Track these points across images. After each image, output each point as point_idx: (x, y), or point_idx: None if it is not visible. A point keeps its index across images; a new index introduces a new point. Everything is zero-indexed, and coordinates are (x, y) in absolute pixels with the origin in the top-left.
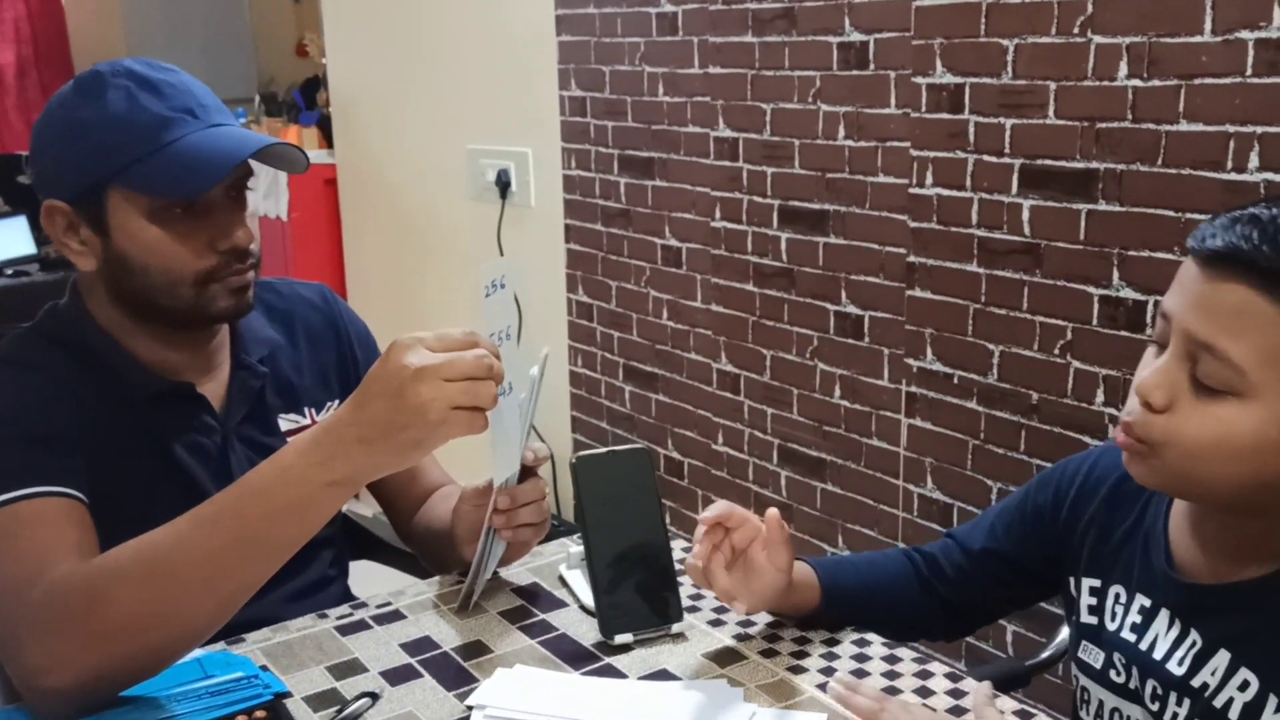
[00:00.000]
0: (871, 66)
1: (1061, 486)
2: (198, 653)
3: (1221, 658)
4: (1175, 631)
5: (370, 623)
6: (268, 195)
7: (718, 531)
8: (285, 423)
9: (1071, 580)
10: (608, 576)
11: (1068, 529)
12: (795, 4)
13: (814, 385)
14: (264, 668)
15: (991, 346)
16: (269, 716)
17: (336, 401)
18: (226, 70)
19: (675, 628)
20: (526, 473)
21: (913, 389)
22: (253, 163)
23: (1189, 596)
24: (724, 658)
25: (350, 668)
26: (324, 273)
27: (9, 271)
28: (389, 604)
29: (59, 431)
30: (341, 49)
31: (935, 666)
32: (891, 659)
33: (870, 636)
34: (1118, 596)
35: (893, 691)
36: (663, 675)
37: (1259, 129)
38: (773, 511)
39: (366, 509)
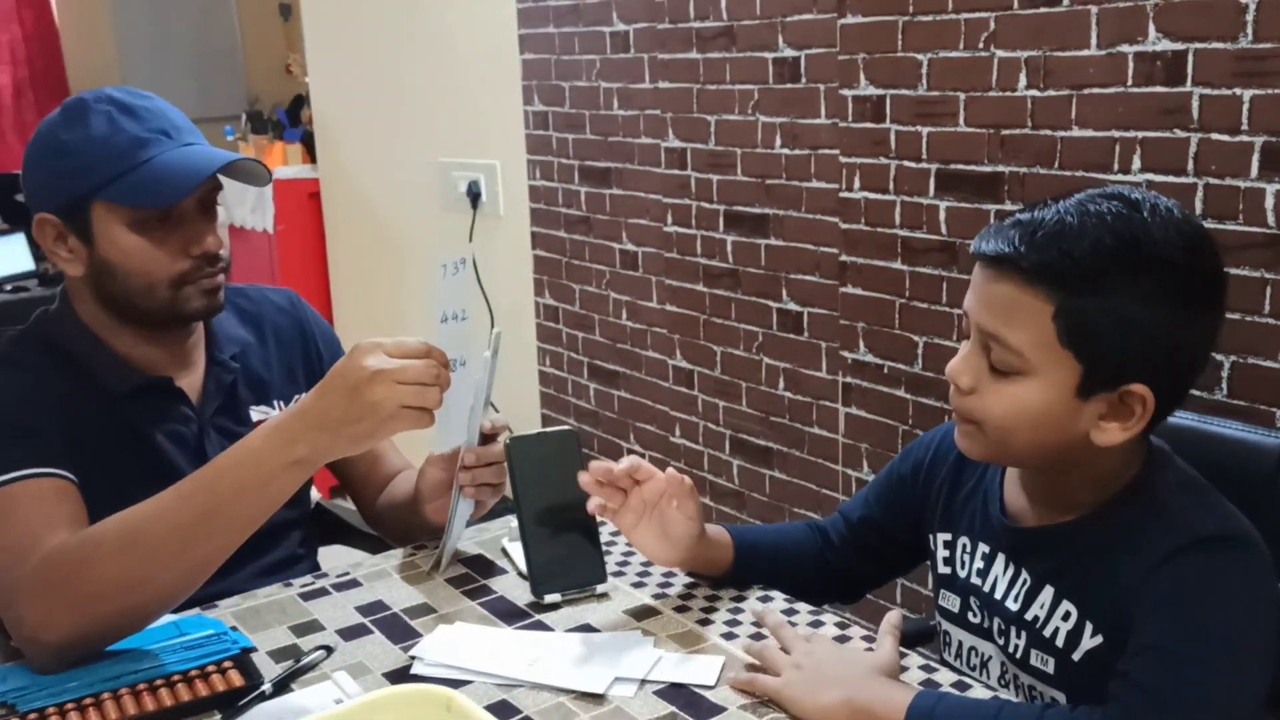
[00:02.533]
0: (803, 80)
1: (919, 456)
2: (174, 616)
3: (1047, 593)
4: (1010, 572)
5: (330, 589)
6: (254, 210)
7: (625, 480)
8: (256, 414)
9: (930, 537)
10: (538, 543)
11: (924, 492)
12: (734, 23)
13: (760, 378)
14: (233, 628)
15: (916, 338)
16: (235, 666)
17: (303, 395)
18: (216, 89)
19: (600, 588)
20: (486, 439)
21: (848, 379)
22: (225, 179)
23: (1017, 539)
24: (641, 614)
25: (310, 627)
26: (309, 282)
27: (8, 287)
28: (347, 574)
29: (48, 423)
30: (322, 69)
31: (826, 617)
32: (789, 612)
33: (774, 594)
34: (964, 546)
35: None
36: (585, 629)
37: (1140, 134)
38: (670, 469)
39: (350, 503)
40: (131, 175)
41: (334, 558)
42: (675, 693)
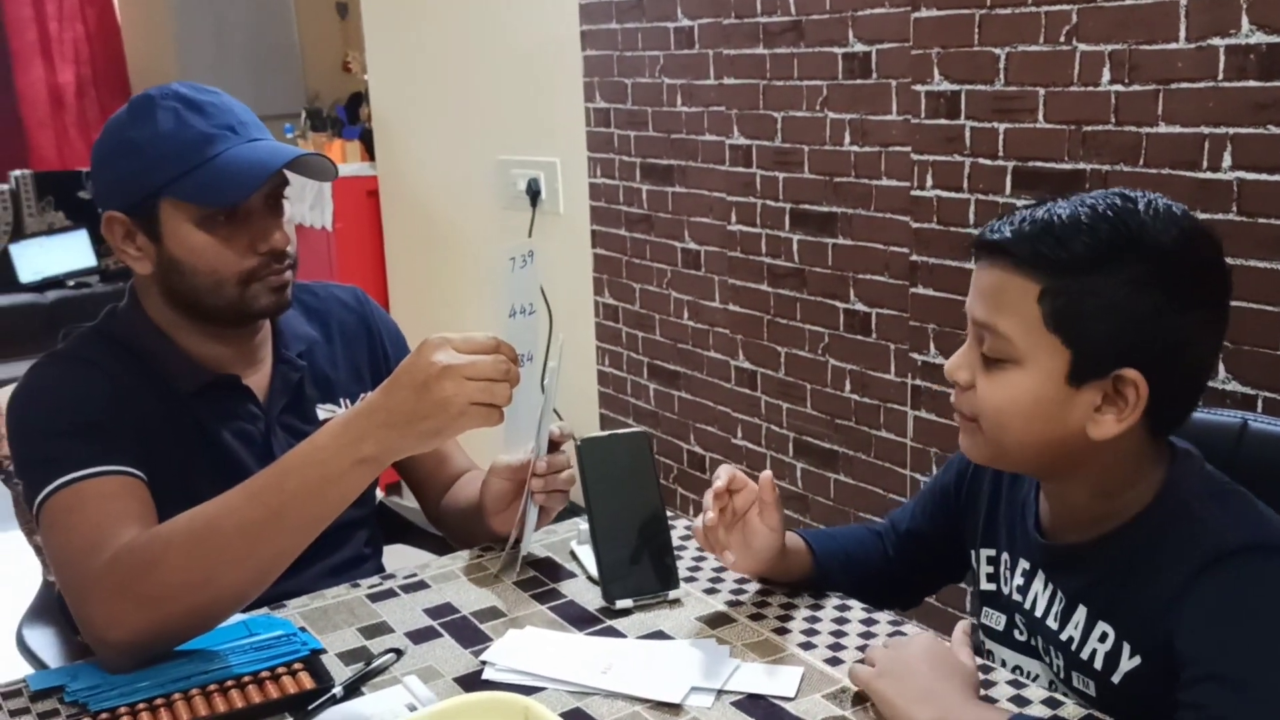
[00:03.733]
0: (874, 75)
1: (961, 468)
2: (243, 616)
3: (1080, 613)
4: (1048, 591)
5: (398, 591)
6: (313, 207)
7: (724, 498)
8: (323, 412)
9: (972, 552)
10: (609, 546)
11: (967, 505)
12: (802, 17)
13: (825, 380)
14: (302, 628)
15: None
16: (305, 668)
17: (369, 393)
18: (274, 87)
19: (672, 594)
20: (552, 447)
21: (917, 382)
22: (291, 174)
23: (1049, 556)
24: (716, 621)
25: (378, 629)
26: (367, 280)
27: (71, 283)
28: (415, 575)
29: (115, 419)
30: (382, 66)
31: (908, 629)
32: (869, 621)
33: (851, 602)
34: (1005, 562)
35: (864, 649)
36: (658, 636)
37: (1231, 130)
38: (765, 474)
39: (409, 501)
40: (198, 172)
41: (398, 558)
42: (754, 704)
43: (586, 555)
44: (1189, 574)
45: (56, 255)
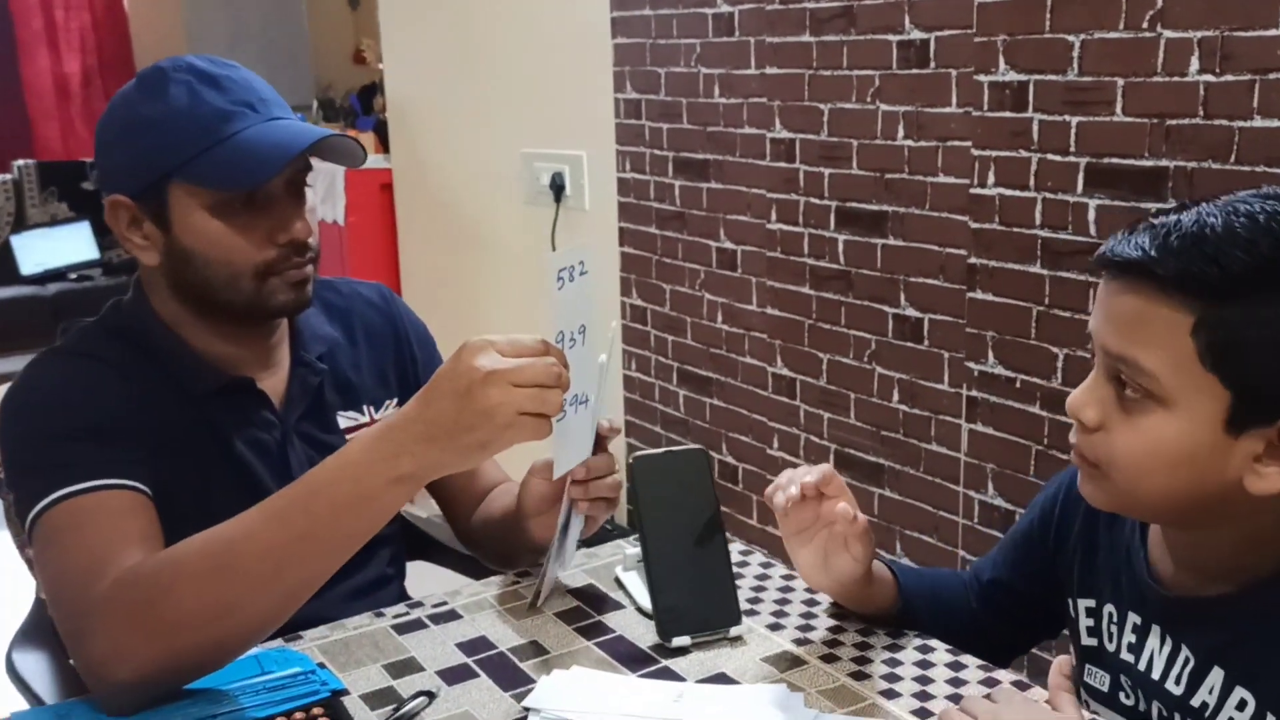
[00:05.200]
0: (932, 65)
1: (1046, 508)
2: (254, 650)
3: (1215, 675)
4: (1168, 648)
5: (426, 622)
6: (325, 200)
7: (813, 491)
8: (344, 420)
9: (1070, 602)
10: (665, 578)
11: (1058, 550)
12: (854, 3)
13: (872, 389)
14: (321, 665)
15: (1056, 350)
16: (326, 713)
17: (395, 400)
18: (284, 77)
19: (733, 631)
20: (598, 445)
21: (974, 393)
22: (312, 166)
23: (1173, 610)
24: (783, 662)
25: (406, 666)
26: (380, 276)
27: (73, 275)
28: (445, 603)
29: (120, 423)
30: (398, 55)
31: (1001, 675)
32: (956, 665)
33: (934, 643)
34: (1110, 615)
35: (955, 699)
36: (721, 679)
37: None
38: (843, 506)
39: (422, 510)
40: (213, 152)
41: (421, 577)
42: None
43: (635, 583)
44: None
45: (59, 247)
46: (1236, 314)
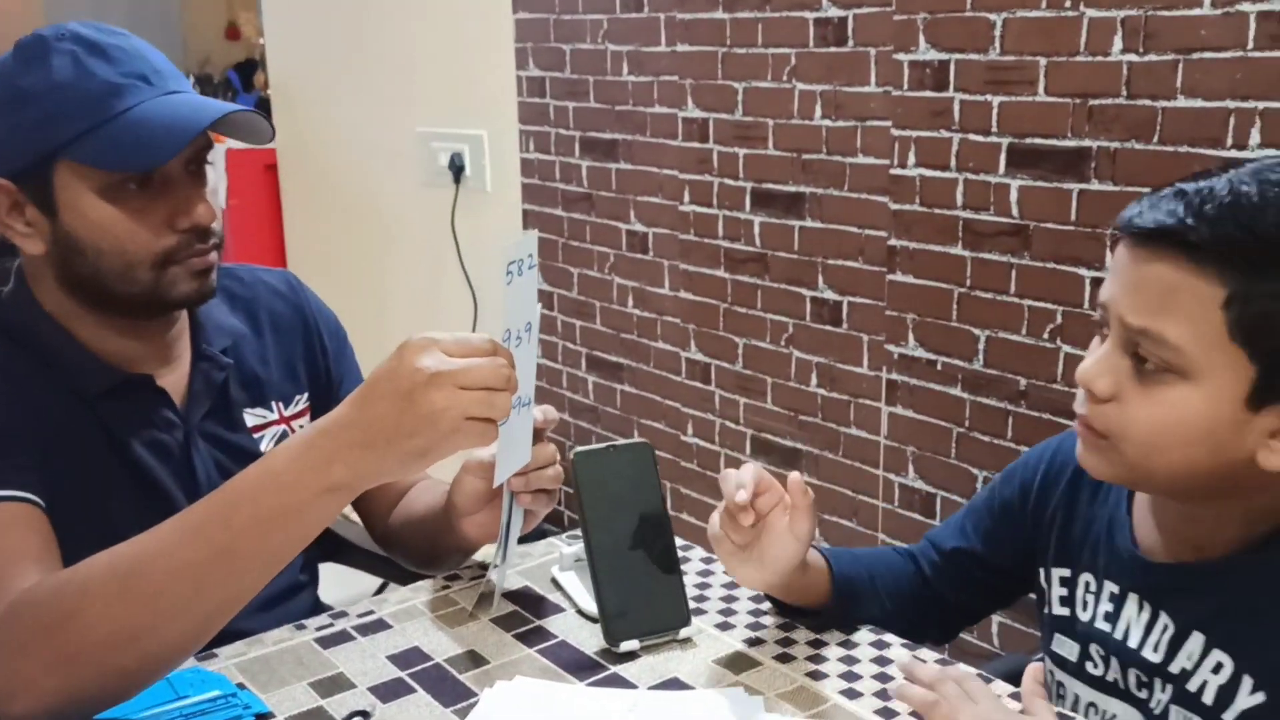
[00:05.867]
0: (850, 43)
1: (1025, 479)
2: None
3: (1195, 641)
4: (1146, 616)
5: (353, 633)
6: None
7: (749, 513)
8: (251, 418)
9: (1042, 571)
10: (611, 579)
11: (1035, 520)
12: None
13: (790, 373)
14: (241, 686)
15: (977, 331)
16: None
17: (305, 395)
18: None
19: (683, 633)
20: (536, 436)
21: (894, 376)
22: (213, 144)
23: (1157, 578)
24: (737, 663)
25: (335, 684)
26: (263, 263)
27: None
28: (371, 612)
29: (11, 428)
30: (281, 29)
31: (962, 669)
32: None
33: (889, 638)
34: (1087, 585)
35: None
36: (674, 684)
37: (1260, 104)
38: (795, 475)
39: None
40: (104, 130)
41: (333, 583)
42: None
43: (573, 583)
44: None
45: None
46: (1270, 287)
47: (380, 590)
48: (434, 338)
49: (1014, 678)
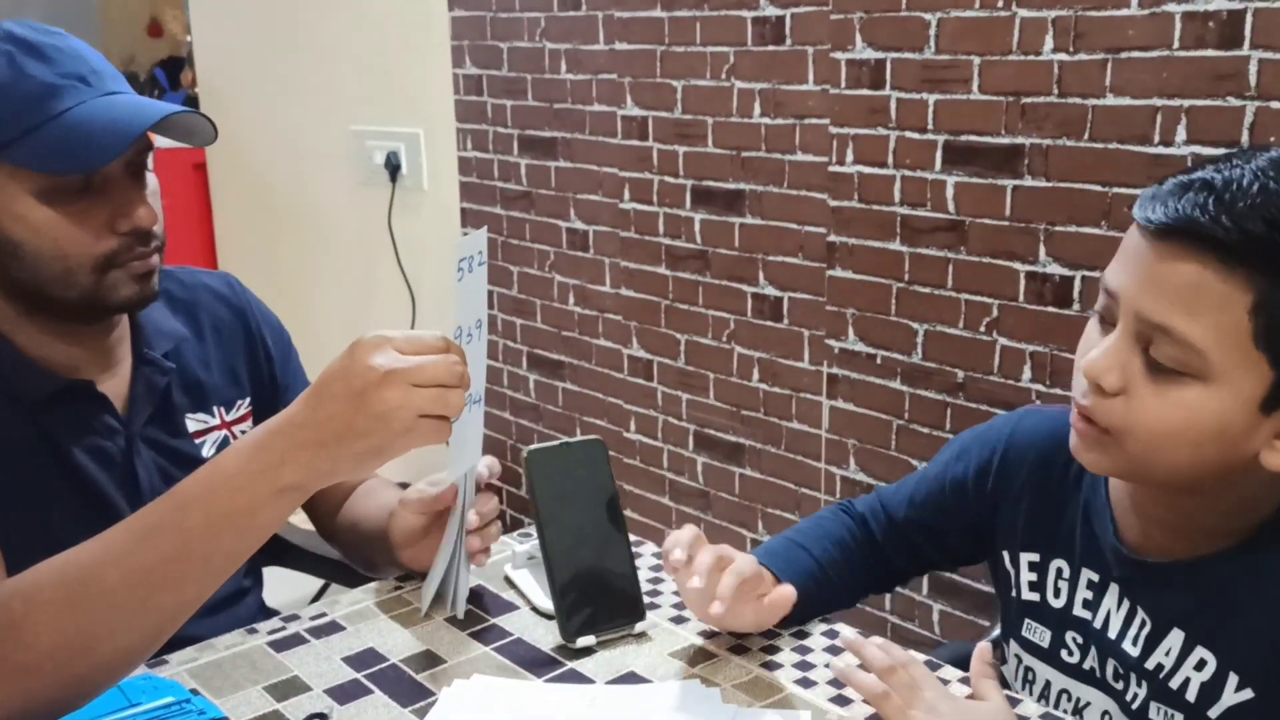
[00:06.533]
0: (788, 42)
1: (982, 459)
2: None
3: (1175, 637)
4: (1125, 610)
5: (306, 636)
6: None
7: (688, 573)
8: (193, 423)
9: (1006, 555)
10: (566, 575)
11: (994, 501)
12: None
13: (731, 369)
14: (195, 692)
15: (916, 325)
16: None
17: (248, 399)
18: None
19: (638, 627)
20: (479, 487)
21: (834, 370)
22: (154, 145)
23: (1137, 573)
24: (693, 656)
25: (291, 687)
26: (193, 265)
27: None
28: (324, 614)
29: None
30: (209, 25)
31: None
32: None
33: (840, 627)
34: (1060, 571)
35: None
36: (632, 678)
37: (1186, 102)
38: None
39: None
40: (41, 131)
41: (276, 584)
42: None
43: (526, 581)
44: None
45: None
46: None
47: (322, 592)
48: (386, 335)
49: (960, 663)
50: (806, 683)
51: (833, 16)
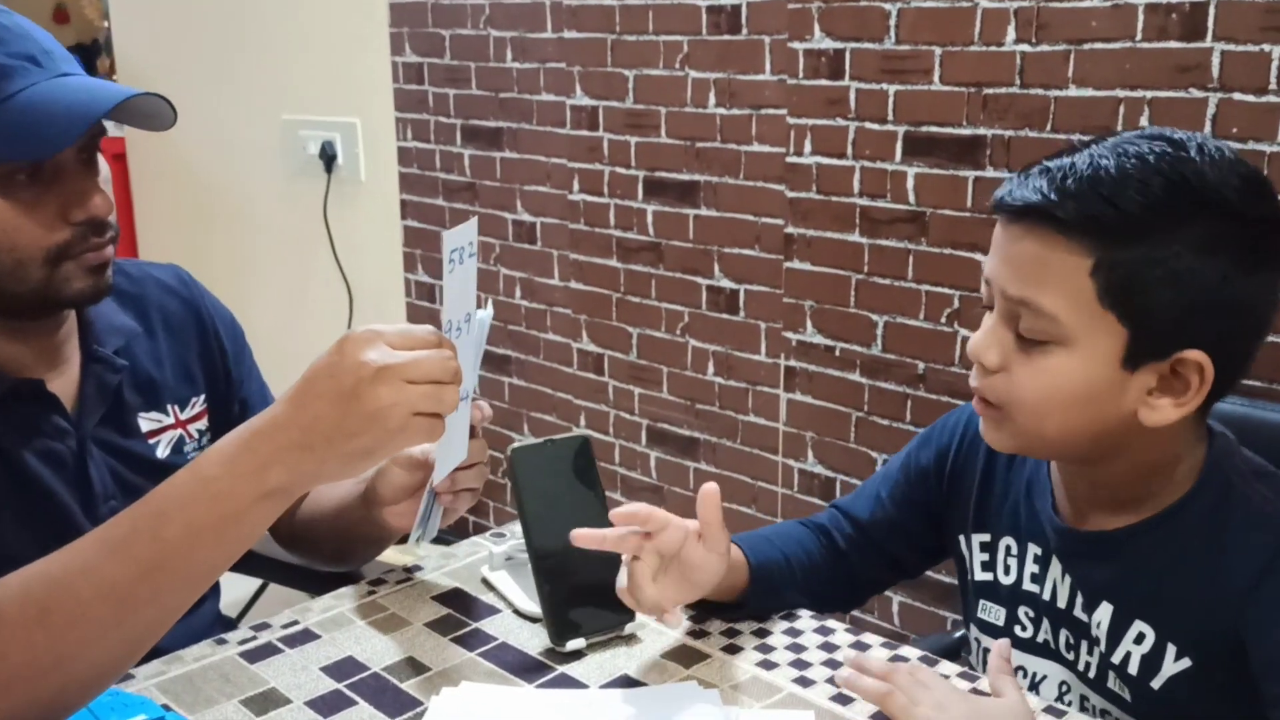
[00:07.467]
0: (744, 31)
1: (943, 444)
2: None
3: (1104, 611)
4: (1068, 581)
5: (280, 645)
6: None
7: (630, 541)
8: (146, 423)
9: (961, 539)
10: (553, 577)
11: (953, 486)
12: None
13: (685, 363)
14: (167, 708)
15: (875, 317)
16: None
17: (203, 396)
18: None
19: (628, 628)
20: (471, 431)
21: (791, 363)
22: (106, 131)
23: (1069, 542)
24: (687, 657)
25: (269, 700)
26: None
27: None
28: (296, 622)
29: None
30: (128, 9)
31: (907, 650)
32: (859, 646)
33: (833, 624)
34: (1009, 548)
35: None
36: (626, 681)
37: (1149, 93)
38: (709, 487)
39: None
40: None
41: (232, 590)
42: None
43: (506, 583)
44: (1258, 565)
45: None
46: (1133, 253)
47: (260, 591)
48: (377, 330)
49: (946, 655)
50: (804, 682)
51: (790, 5)
